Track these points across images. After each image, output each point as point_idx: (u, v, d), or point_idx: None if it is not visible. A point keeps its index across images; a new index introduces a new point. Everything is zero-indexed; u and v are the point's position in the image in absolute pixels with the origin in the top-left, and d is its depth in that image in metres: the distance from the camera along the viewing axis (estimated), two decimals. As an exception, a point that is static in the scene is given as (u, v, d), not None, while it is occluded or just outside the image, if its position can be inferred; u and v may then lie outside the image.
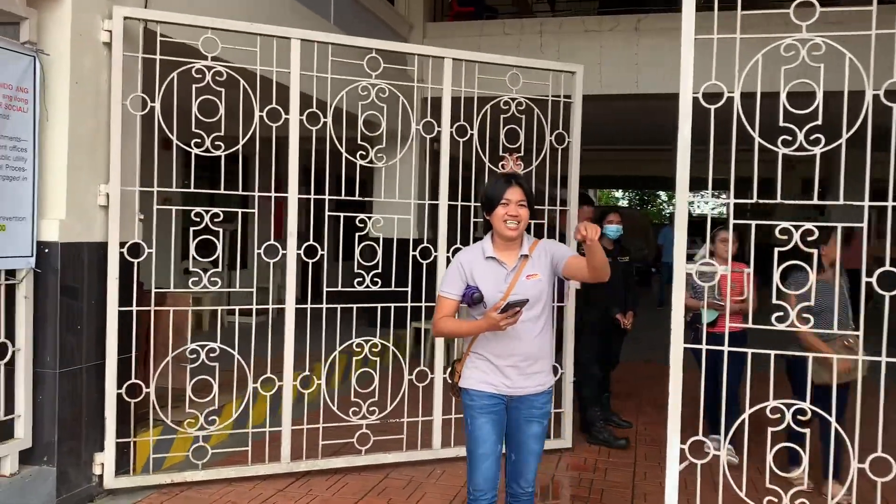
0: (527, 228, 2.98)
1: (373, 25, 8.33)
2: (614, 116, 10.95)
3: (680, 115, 3.36)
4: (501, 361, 2.91)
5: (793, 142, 3.25)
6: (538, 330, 2.93)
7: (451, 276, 2.97)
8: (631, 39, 8.79)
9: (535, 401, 2.96)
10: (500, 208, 2.86)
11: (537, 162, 5.05)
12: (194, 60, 4.15)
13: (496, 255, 2.93)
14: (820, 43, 3.23)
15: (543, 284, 2.91)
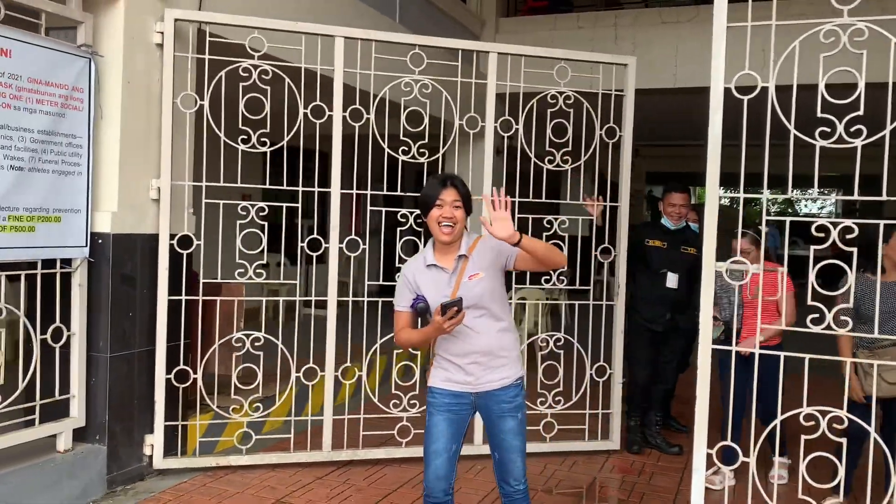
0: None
1: (442, 23, 8.37)
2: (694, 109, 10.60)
3: (711, 108, 3.23)
4: (463, 360, 2.90)
5: (832, 134, 3.06)
6: (497, 325, 2.91)
7: (400, 288, 2.99)
8: (709, 30, 8.45)
9: (503, 395, 2.92)
10: (435, 210, 2.83)
11: (587, 156, 4.96)
12: (242, 59, 4.30)
13: (436, 261, 2.91)
14: (863, 28, 3.03)
15: (488, 282, 2.87)
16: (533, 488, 4.33)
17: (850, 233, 3.06)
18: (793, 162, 3.13)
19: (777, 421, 3.22)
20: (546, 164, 4.84)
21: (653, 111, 9.86)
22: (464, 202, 2.88)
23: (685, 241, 5.00)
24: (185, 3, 4.35)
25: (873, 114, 3.03)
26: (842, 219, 3.09)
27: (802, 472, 3.19)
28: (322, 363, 4.59)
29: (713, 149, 3.23)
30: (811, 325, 3.13)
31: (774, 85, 3.14)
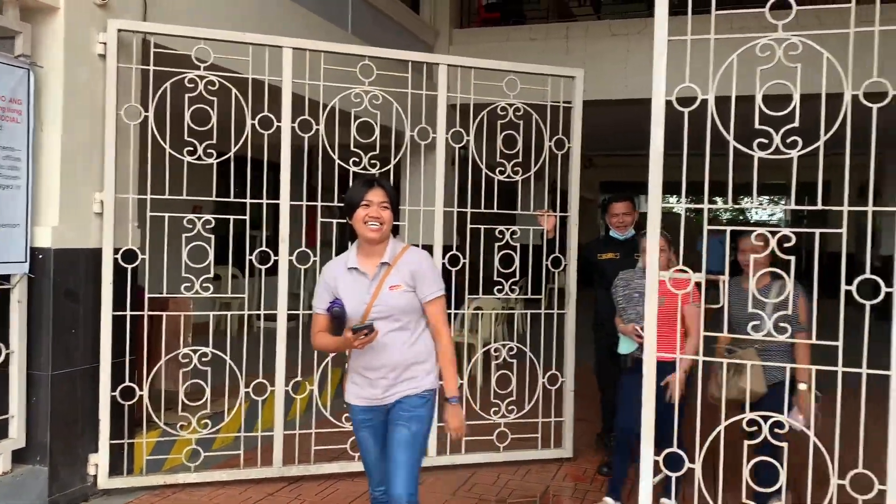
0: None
1: (395, 34, 8.38)
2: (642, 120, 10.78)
3: (652, 120, 3.29)
4: (372, 374, 2.88)
5: (769, 145, 3.14)
6: (409, 339, 2.87)
7: (319, 289, 2.94)
8: (657, 43, 8.62)
9: (405, 403, 2.88)
10: (361, 210, 2.79)
11: (536, 167, 5.01)
12: (188, 70, 4.24)
13: (358, 264, 2.87)
14: (797, 42, 3.12)
15: (407, 296, 2.84)
16: (486, 499, 4.36)
17: (787, 241, 3.14)
18: (747, 171, 3.19)
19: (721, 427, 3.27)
20: (497, 174, 4.87)
21: (606, 121, 10.01)
22: (392, 204, 2.84)
23: (636, 250, 5.02)
24: (129, 13, 4.28)
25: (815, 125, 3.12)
26: (780, 228, 3.17)
27: (746, 478, 3.25)
28: (272, 378, 4.53)
29: (655, 160, 3.30)
30: (751, 332, 3.20)
31: (714, 97, 3.21)
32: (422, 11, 9.34)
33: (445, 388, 2.91)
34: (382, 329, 2.76)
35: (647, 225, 3.31)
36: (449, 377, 2.91)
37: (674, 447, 3.32)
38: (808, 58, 3.10)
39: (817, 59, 3.09)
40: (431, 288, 2.88)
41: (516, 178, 4.94)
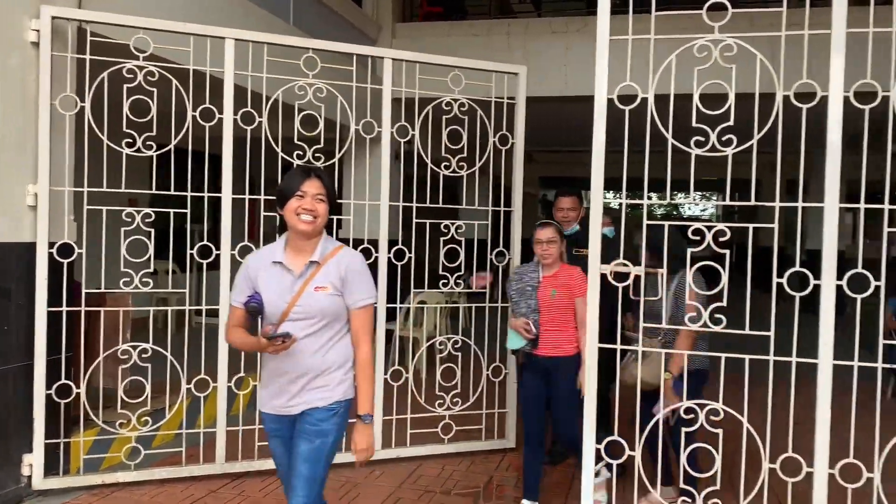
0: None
1: (337, 27, 8.32)
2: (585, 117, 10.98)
3: (595, 117, 3.37)
4: (282, 380, 2.68)
5: (706, 143, 3.26)
6: (322, 344, 2.66)
7: (239, 281, 2.74)
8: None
9: (311, 415, 2.66)
10: (294, 201, 2.60)
11: (481, 162, 5.06)
12: (125, 60, 4.14)
13: (285, 259, 2.66)
14: (732, 44, 3.24)
15: (334, 299, 2.64)
16: (431, 490, 4.40)
17: (722, 236, 3.26)
18: (685, 167, 3.30)
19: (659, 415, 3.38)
20: (443, 169, 4.90)
21: (545, 118, 10.15)
22: (328, 197, 2.66)
23: (577, 244, 5.12)
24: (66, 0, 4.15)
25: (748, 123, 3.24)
26: (716, 223, 3.29)
27: (683, 463, 3.37)
28: (214, 374, 4.47)
29: (597, 156, 3.37)
30: (688, 323, 3.31)
31: (654, 95, 3.30)
32: (364, 5, 9.29)
33: (359, 404, 2.67)
34: (297, 332, 2.58)
35: (590, 219, 3.39)
36: (363, 393, 2.68)
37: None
38: (743, 59, 3.22)
39: (752, 59, 3.21)
40: (362, 294, 2.68)
41: (462, 173, 4.98)
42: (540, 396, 3.94)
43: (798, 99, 3.16)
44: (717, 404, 3.28)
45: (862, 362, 3.18)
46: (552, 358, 3.87)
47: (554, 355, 3.87)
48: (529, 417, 3.96)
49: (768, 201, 3.39)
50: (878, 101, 3.13)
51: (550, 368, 3.88)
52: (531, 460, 4.02)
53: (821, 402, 3.16)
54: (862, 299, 3.10)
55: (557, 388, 3.87)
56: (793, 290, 3.17)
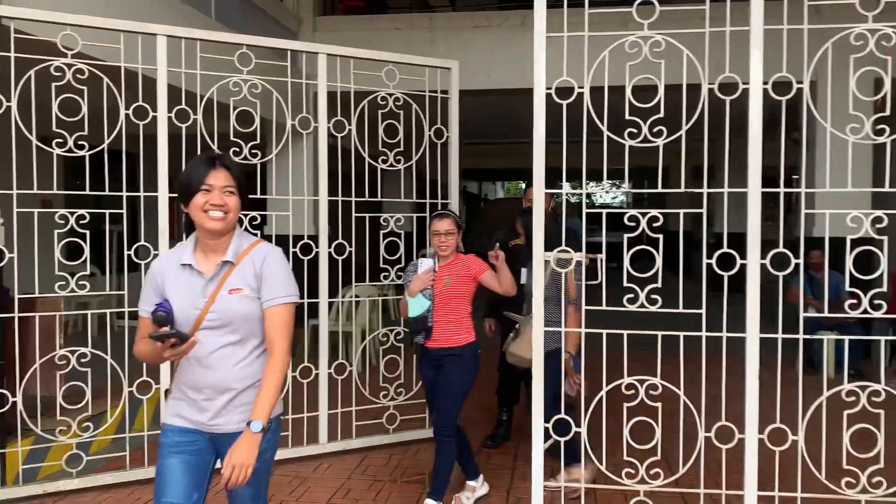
0: (259, 226, 2.43)
1: (259, 21, 8.23)
2: (506, 109, 11.22)
3: (535, 111, 3.50)
4: (196, 395, 2.36)
5: (638, 134, 3.45)
6: (246, 355, 2.36)
7: (146, 289, 2.42)
8: (518, 34, 9.00)
9: (239, 435, 2.28)
10: (200, 196, 2.27)
11: (417, 156, 5.15)
12: (53, 58, 4.03)
13: (194, 261, 2.35)
14: (660, 40, 3.43)
15: (252, 302, 2.34)
16: (380, 479, 4.48)
17: (656, 221, 3.46)
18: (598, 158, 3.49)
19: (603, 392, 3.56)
20: (379, 163, 4.97)
21: (466, 111, 10.32)
22: (238, 188, 2.35)
23: None
24: (-17, -5, 4.00)
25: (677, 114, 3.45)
26: (650, 209, 3.49)
27: (626, 436, 3.57)
28: (157, 376, 4.41)
29: (538, 148, 3.51)
30: (627, 304, 3.51)
31: (589, 89, 3.47)
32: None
33: (254, 409, 2.27)
34: (214, 342, 2.30)
35: (534, 208, 3.53)
36: (263, 398, 2.28)
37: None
38: (673, 53, 3.42)
39: (680, 53, 3.42)
40: (278, 291, 2.35)
41: (399, 167, 5.05)
42: (432, 387, 4.02)
43: (721, 91, 3.38)
44: (656, 379, 3.49)
45: (786, 335, 3.45)
46: (445, 349, 3.93)
47: (447, 346, 3.93)
48: (445, 414, 3.93)
49: (675, 188, 3.62)
50: (794, 92, 3.39)
51: (443, 359, 3.94)
52: (445, 460, 3.96)
53: (749, 374, 3.41)
54: (765, 278, 3.38)
55: (446, 379, 3.91)
56: (721, 270, 3.41)
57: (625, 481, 3.56)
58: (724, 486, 3.57)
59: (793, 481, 3.52)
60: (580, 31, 3.46)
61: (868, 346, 7.35)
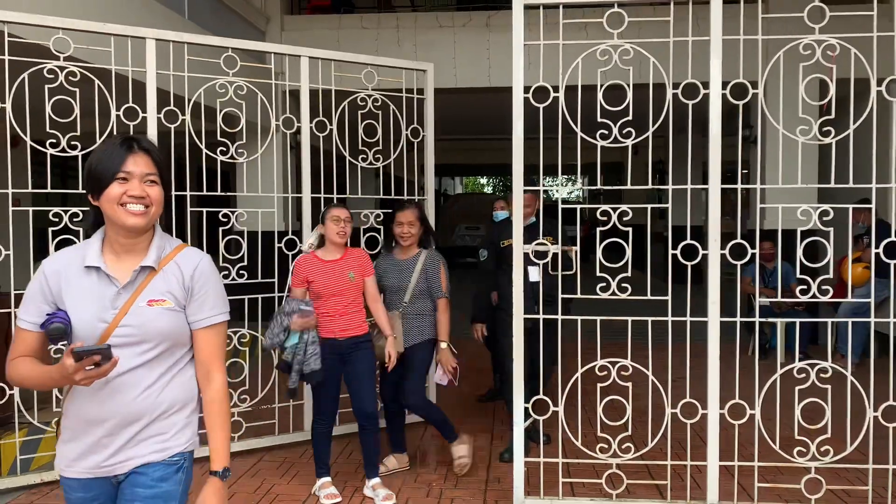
0: (164, 224, 2.05)
1: (229, 19, 8.35)
2: (472, 108, 11.49)
3: (514, 114, 3.77)
4: (97, 429, 1.92)
5: (609, 135, 3.74)
6: (161, 379, 1.96)
7: (30, 295, 1.94)
8: (482, 35, 9.27)
9: (146, 475, 1.96)
10: (116, 186, 1.87)
11: (395, 154, 5.38)
12: (46, 61, 4.15)
13: (104, 263, 1.92)
14: (629, 49, 3.73)
15: (175, 316, 1.96)
16: (366, 463, 4.70)
17: (626, 216, 3.76)
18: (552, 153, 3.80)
19: (578, 374, 3.86)
20: (360, 162, 5.19)
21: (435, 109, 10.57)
22: (161, 177, 1.95)
23: None
24: (-25, -1, 4.11)
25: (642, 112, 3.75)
26: (620, 205, 3.78)
27: (600, 415, 3.87)
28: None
29: (517, 147, 3.78)
30: (600, 293, 3.80)
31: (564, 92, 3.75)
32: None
33: (212, 458, 1.98)
34: (124, 362, 1.87)
35: (513, 204, 3.80)
36: (219, 442, 1.99)
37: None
38: (641, 59, 3.72)
39: (648, 59, 3.72)
40: (212, 309, 2.01)
41: (378, 165, 5.28)
42: (338, 376, 4.10)
43: (684, 95, 3.69)
44: (627, 361, 3.79)
45: (744, 318, 3.79)
46: (351, 338, 4.05)
47: (353, 335, 4.06)
48: (327, 396, 4.09)
49: (633, 184, 3.92)
50: (749, 97, 3.72)
51: (350, 348, 4.05)
52: (324, 436, 4.18)
53: (711, 354, 3.73)
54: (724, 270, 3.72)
55: (358, 366, 4.05)
56: (686, 259, 3.72)
57: (598, 455, 3.86)
58: (688, 457, 3.89)
59: (750, 452, 3.86)
60: (554, 35, 3.74)
61: (815, 333, 7.83)
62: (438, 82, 9.08)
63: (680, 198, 3.76)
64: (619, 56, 3.72)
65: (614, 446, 3.84)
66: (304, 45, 5.06)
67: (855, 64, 3.59)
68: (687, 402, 3.79)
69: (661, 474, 4.11)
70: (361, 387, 4.08)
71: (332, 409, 4.17)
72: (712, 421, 3.76)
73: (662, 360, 3.83)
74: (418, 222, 4.29)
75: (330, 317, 4.04)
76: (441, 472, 4.57)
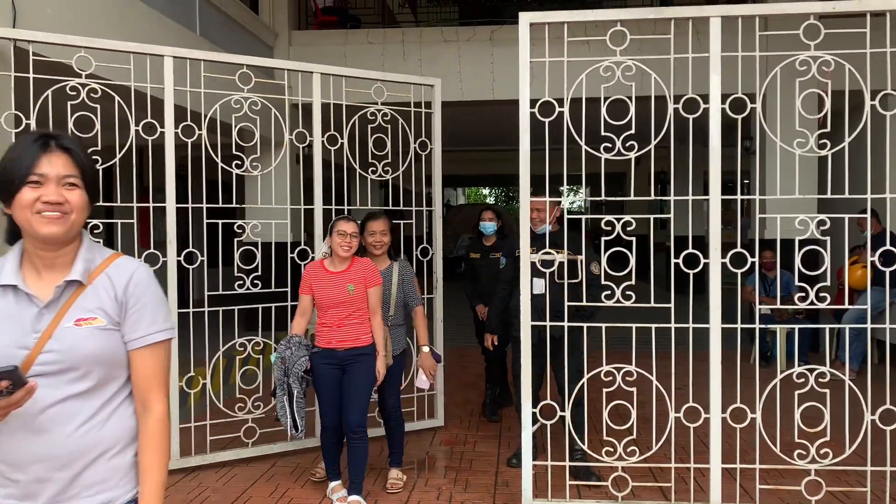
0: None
1: (238, 35, 8.53)
2: (476, 120, 11.65)
3: (520, 128, 3.91)
4: (21, 474, 1.63)
5: (613, 148, 3.88)
6: (94, 412, 1.66)
7: None
8: (486, 49, 9.43)
9: None
10: (28, 191, 1.59)
11: (404, 167, 5.52)
12: (68, 78, 4.30)
13: (22, 280, 1.66)
14: (631, 65, 3.87)
15: (109, 337, 1.67)
16: (377, 467, 4.82)
17: (630, 226, 3.90)
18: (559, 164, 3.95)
19: (584, 378, 3.98)
20: (370, 174, 5.33)
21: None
22: (84, 179, 1.65)
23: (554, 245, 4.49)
24: (1, 19, 4.26)
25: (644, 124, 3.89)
26: (623, 215, 3.92)
27: (605, 419, 3.99)
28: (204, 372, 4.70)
29: (523, 159, 3.92)
30: (605, 300, 3.92)
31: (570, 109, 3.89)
32: (261, 13, 9.50)
33: (146, 496, 1.67)
34: (50, 395, 1.60)
35: (520, 214, 3.94)
36: (153, 486, 1.69)
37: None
38: (643, 73, 3.86)
39: (650, 75, 3.86)
40: (151, 325, 1.71)
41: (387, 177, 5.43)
42: (338, 387, 4.12)
43: (685, 109, 3.83)
44: (631, 367, 3.91)
45: (745, 325, 3.91)
46: (352, 349, 4.08)
47: (354, 346, 4.09)
48: (329, 406, 4.14)
49: (636, 195, 4.05)
50: (748, 111, 3.86)
51: (350, 359, 4.09)
52: (331, 445, 4.25)
53: (713, 359, 3.85)
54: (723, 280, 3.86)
55: (356, 376, 4.07)
56: (688, 268, 3.85)
57: (604, 458, 3.97)
58: (692, 460, 4.00)
59: (752, 455, 3.97)
60: (556, 50, 3.89)
61: (815, 340, 7.95)
62: (444, 96, 9.34)
63: (681, 208, 3.90)
64: (621, 72, 3.86)
65: (619, 450, 3.95)
66: (312, 59, 5.25)
67: (850, 78, 3.72)
68: (690, 407, 3.90)
69: (664, 477, 4.22)
70: (352, 398, 4.06)
71: (336, 418, 4.17)
72: (714, 425, 3.87)
73: (666, 366, 3.95)
74: (389, 232, 4.39)
75: (328, 327, 4.10)
76: (450, 476, 4.68)
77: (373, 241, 4.36)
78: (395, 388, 4.55)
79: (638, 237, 3.89)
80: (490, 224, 5.96)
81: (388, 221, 4.42)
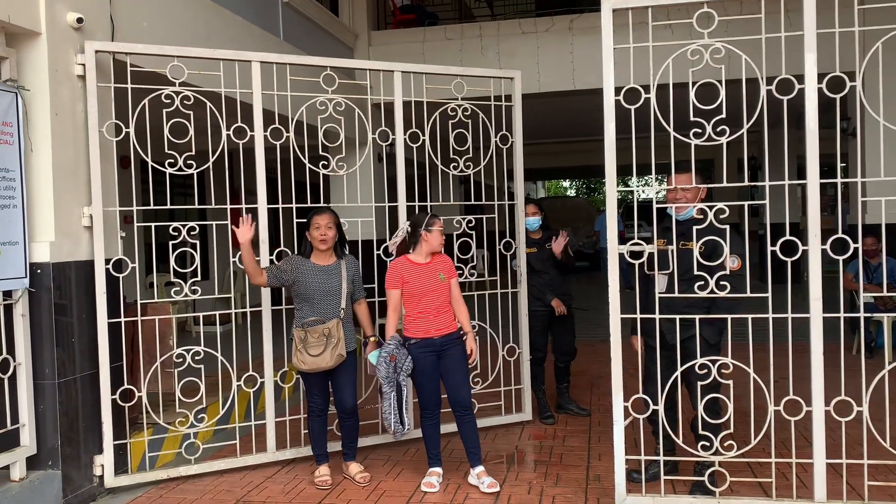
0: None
1: (320, 37, 8.71)
2: (555, 111, 11.53)
3: (605, 116, 3.84)
4: None
5: (703, 133, 3.77)
6: None
7: None
8: (565, 39, 9.33)
9: None
10: None
11: (485, 161, 5.52)
12: (163, 87, 4.49)
13: None
14: (720, 47, 3.74)
15: None
16: (465, 460, 4.83)
17: (722, 214, 3.77)
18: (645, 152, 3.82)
19: (678, 372, 3.88)
20: (452, 169, 5.35)
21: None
22: None
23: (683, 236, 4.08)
24: (100, 34, 4.48)
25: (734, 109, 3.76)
26: (714, 202, 3.80)
27: (701, 413, 3.88)
28: (260, 370, 4.85)
29: (609, 149, 3.85)
30: (698, 291, 3.81)
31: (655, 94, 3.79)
32: (341, 15, 9.67)
33: None
34: None
35: (607, 205, 3.87)
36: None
37: None
38: (731, 55, 3.73)
39: (738, 57, 3.73)
40: None
41: (469, 172, 5.44)
42: (437, 372, 4.36)
43: (778, 91, 3.68)
44: (727, 359, 3.79)
45: (847, 314, 3.73)
46: (447, 335, 4.38)
47: (448, 332, 4.38)
48: (431, 392, 4.35)
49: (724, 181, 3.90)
50: (847, 90, 3.67)
51: (445, 344, 4.36)
52: (433, 431, 4.44)
53: (815, 350, 3.69)
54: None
55: (458, 358, 4.37)
56: (785, 256, 3.69)
57: (701, 453, 3.87)
58: (793, 455, 3.84)
59: (858, 451, 3.79)
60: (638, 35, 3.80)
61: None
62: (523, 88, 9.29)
63: (776, 194, 3.75)
64: (710, 55, 3.74)
65: (716, 444, 3.84)
66: (391, 58, 5.30)
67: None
68: (790, 400, 3.75)
69: (764, 473, 4.08)
70: (459, 378, 4.37)
71: (436, 403, 4.41)
72: (817, 418, 3.71)
73: (763, 359, 3.80)
74: (335, 226, 4.40)
75: (425, 317, 4.34)
76: (540, 470, 4.65)
77: (319, 234, 4.34)
78: (355, 381, 4.55)
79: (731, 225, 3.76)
80: (535, 219, 5.70)
81: (334, 217, 4.42)
